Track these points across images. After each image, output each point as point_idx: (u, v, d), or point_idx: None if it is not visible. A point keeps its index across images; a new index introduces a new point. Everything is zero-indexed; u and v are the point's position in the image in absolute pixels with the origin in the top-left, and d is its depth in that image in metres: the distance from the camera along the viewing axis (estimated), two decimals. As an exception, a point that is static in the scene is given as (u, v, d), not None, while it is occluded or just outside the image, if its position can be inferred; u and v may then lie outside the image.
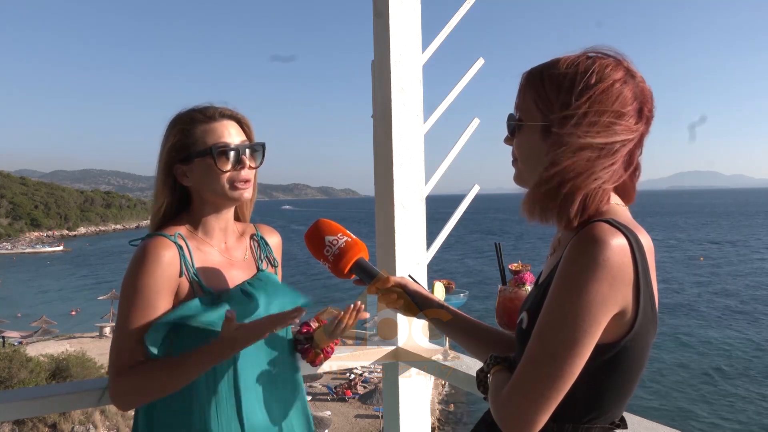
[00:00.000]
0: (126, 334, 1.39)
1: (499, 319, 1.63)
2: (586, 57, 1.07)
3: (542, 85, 1.08)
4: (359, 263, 1.38)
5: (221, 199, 1.50)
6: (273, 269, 1.67)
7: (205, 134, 1.47)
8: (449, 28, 2.40)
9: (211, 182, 1.47)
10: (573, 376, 0.97)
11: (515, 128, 1.14)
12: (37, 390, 1.84)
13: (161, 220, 1.52)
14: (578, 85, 1.04)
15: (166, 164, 1.49)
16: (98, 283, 58.30)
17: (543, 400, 0.97)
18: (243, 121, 1.55)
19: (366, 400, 22.88)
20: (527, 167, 1.13)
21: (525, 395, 0.98)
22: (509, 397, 1.00)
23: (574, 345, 0.95)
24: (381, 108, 2.27)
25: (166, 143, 1.50)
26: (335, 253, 1.36)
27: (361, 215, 40.43)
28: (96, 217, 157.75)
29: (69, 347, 27.91)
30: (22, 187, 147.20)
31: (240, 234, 1.64)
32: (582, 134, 1.02)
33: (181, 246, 1.45)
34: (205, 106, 1.53)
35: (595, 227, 0.97)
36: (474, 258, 66.95)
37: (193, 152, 1.47)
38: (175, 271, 1.43)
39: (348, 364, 2.19)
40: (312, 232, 1.41)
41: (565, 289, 0.96)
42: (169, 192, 1.51)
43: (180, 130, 1.48)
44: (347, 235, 1.39)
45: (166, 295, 1.42)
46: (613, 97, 1.03)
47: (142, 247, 1.43)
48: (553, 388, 0.96)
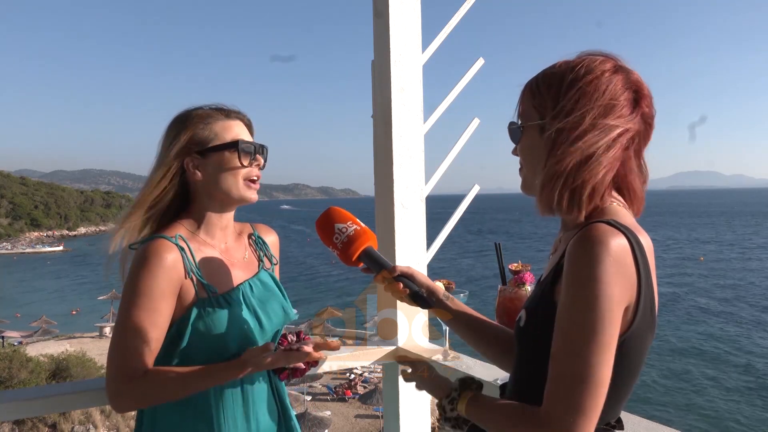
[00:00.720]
0: (130, 338, 1.37)
1: (499, 319, 1.64)
2: (577, 56, 1.09)
3: (538, 88, 1.10)
4: (367, 251, 1.38)
5: (232, 196, 1.50)
6: (272, 266, 1.68)
7: (224, 130, 1.50)
8: (449, 28, 2.40)
9: (227, 177, 1.48)
10: (609, 381, 0.96)
11: (518, 134, 1.15)
12: (37, 390, 1.84)
13: (155, 213, 1.49)
14: (567, 78, 1.05)
15: (178, 156, 1.48)
16: (98, 283, 58.29)
17: (594, 412, 0.94)
18: (250, 124, 1.60)
19: (366, 400, 22.86)
20: (530, 171, 1.13)
21: (576, 412, 0.93)
22: (558, 417, 0.94)
23: (607, 349, 0.95)
24: (381, 108, 2.27)
25: (178, 136, 1.48)
26: (344, 240, 1.37)
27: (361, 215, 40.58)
28: (96, 217, 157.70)
29: (69, 347, 27.90)
30: (22, 187, 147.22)
31: (238, 234, 1.64)
32: (575, 126, 1.03)
33: (182, 248, 1.45)
34: (219, 105, 1.56)
35: (595, 228, 0.97)
36: (474, 258, 66.94)
37: (212, 146, 1.48)
38: (177, 273, 1.42)
39: (348, 364, 2.19)
40: (323, 219, 1.41)
41: (582, 295, 0.95)
42: (173, 185, 1.49)
43: (198, 124, 1.49)
44: (357, 224, 1.39)
45: (169, 298, 1.41)
46: (603, 87, 1.04)
47: (144, 250, 1.42)
48: (600, 397, 0.94)
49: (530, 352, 1.06)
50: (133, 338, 1.37)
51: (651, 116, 1.09)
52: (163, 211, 1.50)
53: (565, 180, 1.03)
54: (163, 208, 1.50)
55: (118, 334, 1.39)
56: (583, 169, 1.03)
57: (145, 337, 1.38)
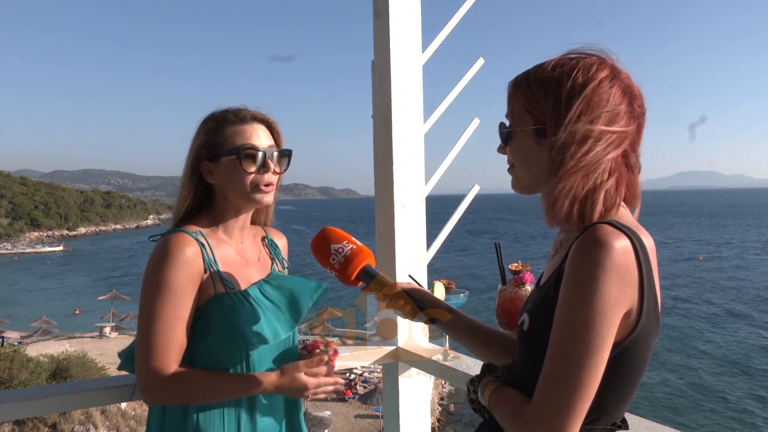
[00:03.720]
0: (159, 333, 1.38)
1: (499, 319, 1.64)
2: (569, 58, 1.08)
3: (530, 90, 1.09)
4: (366, 270, 1.38)
5: (243, 200, 1.51)
6: (283, 270, 1.70)
7: (234, 135, 1.50)
8: (449, 28, 2.40)
9: (235, 182, 1.49)
10: (597, 383, 0.96)
11: (508, 136, 1.15)
12: (37, 390, 1.84)
13: (184, 215, 1.53)
14: (566, 86, 1.04)
15: (194, 160, 1.51)
16: (98, 283, 58.28)
17: (575, 414, 0.95)
18: (273, 126, 1.57)
19: (366, 400, 22.85)
20: (526, 172, 1.13)
21: (556, 411, 0.95)
22: (540, 416, 0.97)
23: (596, 352, 0.95)
24: (381, 108, 2.27)
25: (196, 140, 1.52)
26: (341, 261, 1.36)
27: (361, 215, 40.02)
28: (96, 217, 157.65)
29: (69, 347, 27.89)
30: (22, 187, 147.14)
31: (253, 236, 1.67)
32: (583, 139, 1.02)
33: (202, 243, 1.46)
34: (238, 107, 1.55)
35: (598, 230, 0.97)
36: (473, 258, 66.93)
37: (220, 151, 1.49)
38: (197, 267, 1.43)
39: (348, 364, 2.19)
40: (317, 240, 1.41)
41: (577, 296, 0.96)
42: (193, 188, 1.52)
43: (210, 128, 1.51)
44: (353, 243, 1.39)
45: (191, 292, 1.42)
46: (605, 97, 1.04)
47: (164, 243, 1.43)
48: (584, 398, 0.95)
49: (533, 355, 1.06)
50: (162, 333, 1.38)
51: (642, 115, 1.09)
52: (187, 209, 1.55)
53: (575, 195, 1.03)
54: (191, 209, 1.54)
55: (145, 329, 1.40)
56: (594, 184, 1.03)
57: (173, 331, 1.39)
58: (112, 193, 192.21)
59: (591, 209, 1.04)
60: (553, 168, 1.05)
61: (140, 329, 1.41)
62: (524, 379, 1.10)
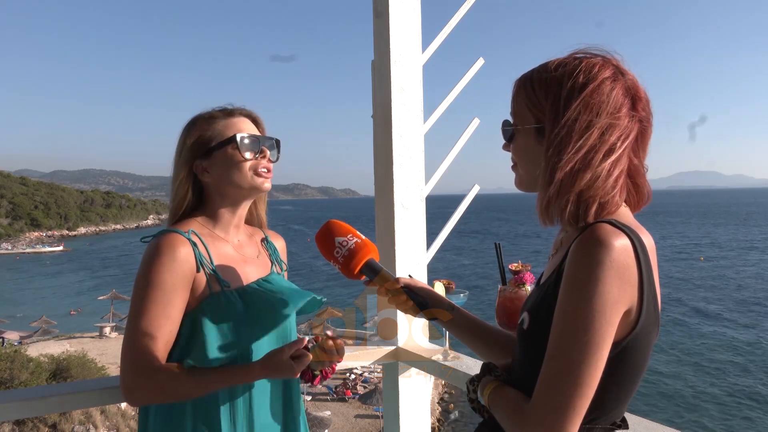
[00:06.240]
0: (144, 331, 1.38)
1: (499, 319, 1.63)
2: (573, 58, 1.08)
3: (533, 89, 1.09)
4: (370, 264, 1.38)
5: (243, 189, 1.52)
6: (282, 272, 1.70)
7: (225, 128, 1.52)
8: (449, 28, 2.40)
9: (233, 172, 1.50)
10: (597, 382, 0.96)
11: (510, 134, 1.15)
12: (37, 390, 1.84)
13: (179, 216, 1.54)
14: (567, 86, 1.04)
15: (187, 161, 1.51)
16: (98, 283, 58.29)
17: (575, 413, 0.95)
18: (259, 120, 1.60)
19: (366, 400, 22.85)
20: (527, 171, 1.14)
21: (556, 409, 0.95)
22: (539, 415, 0.96)
23: (595, 351, 0.95)
24: (381, 108, 2.27)
25: (185, 141, 1.53)
26: (345, 254, 1.36)
27: (361, 215, 40.43)
28: (96, 217, 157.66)
29: (69, 347, 27.90)
30: (22, 187, 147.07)
31: (249, 235, 1.67)
32: (581, 140, 1.02)
33: (194, 242, 1.46)
34: (223, 105, 1.58)
35: (598, 229, 0.97)
36: (473, 258, 66.93)
37: (214, 145, 1.50)
38: (189, 267, 1.43)
39: (348, 364, 2.19)
40: (322, 233, 1.40)
41: (576, 295, 0.96)
42: (189, 189, 1.53)
43: (200, 127, 1.52)
44: (357, 236, 1.39)
45: (182, 291, 1.42)
46: (605, 98, 1.04)
47: (156, 243, 1.43)
48: (583, 397, 0.95)
49: (533, 354, 1.06)
50: (147, 331, 1.38)
51: (647, 119, 1.09)
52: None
53: (567, 194, 1.03)
54: (187, 210, 1.54)
55: (131, 328, 1.40)
56: (589, 184, 1.03)
57: (158, 330, 1.39)
58: (112, 193, 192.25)
59: (585, 209, 1.04)
60: (548, 166, 1.05)
61: (128, 328, 1.41)
62: (524, 378, 1.10)
